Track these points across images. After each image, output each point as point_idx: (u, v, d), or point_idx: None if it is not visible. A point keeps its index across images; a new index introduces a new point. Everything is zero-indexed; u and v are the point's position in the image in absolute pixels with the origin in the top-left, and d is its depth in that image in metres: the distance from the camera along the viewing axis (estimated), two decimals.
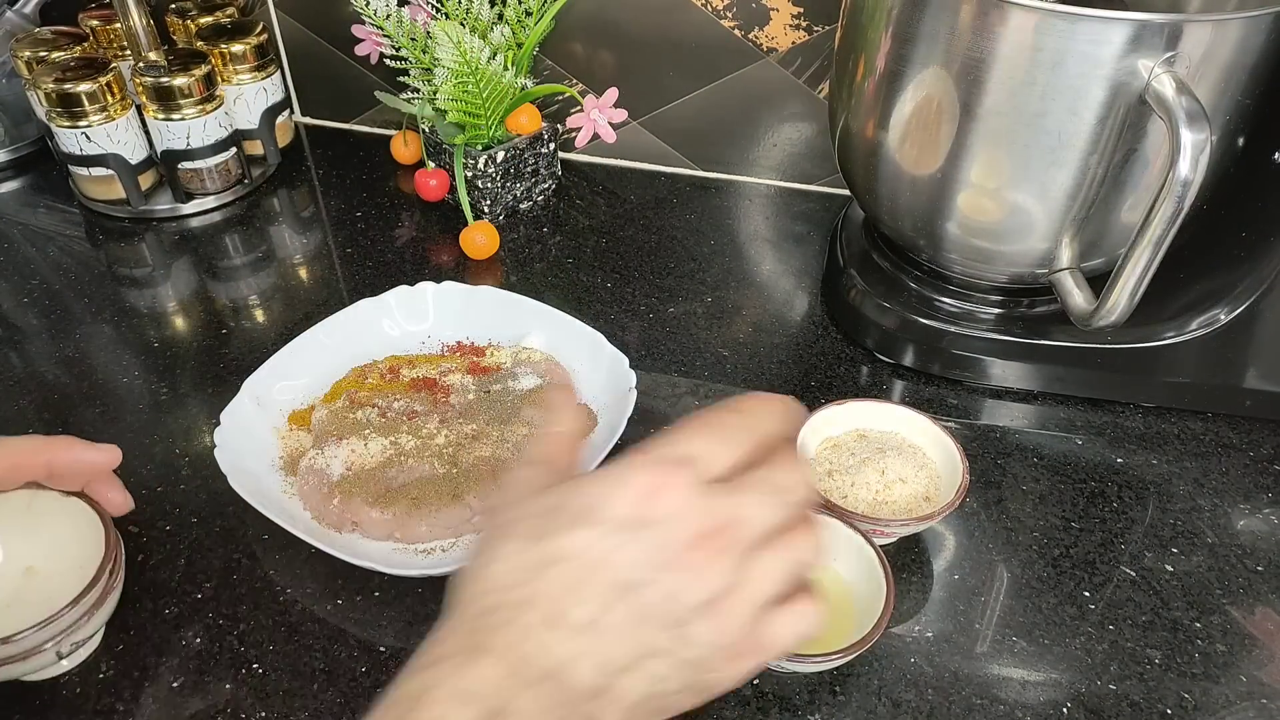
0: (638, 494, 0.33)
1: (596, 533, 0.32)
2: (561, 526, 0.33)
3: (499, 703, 0.30)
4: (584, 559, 0.32)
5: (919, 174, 0.58)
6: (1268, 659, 0.49)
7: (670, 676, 0.33)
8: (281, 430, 0.58)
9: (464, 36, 0.71)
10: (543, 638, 0.31)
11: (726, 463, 0.34)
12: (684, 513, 0.33)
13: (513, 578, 0.33)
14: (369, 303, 0.64)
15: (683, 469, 0.33)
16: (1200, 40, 0.47)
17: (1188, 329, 0.61)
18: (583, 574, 0.32)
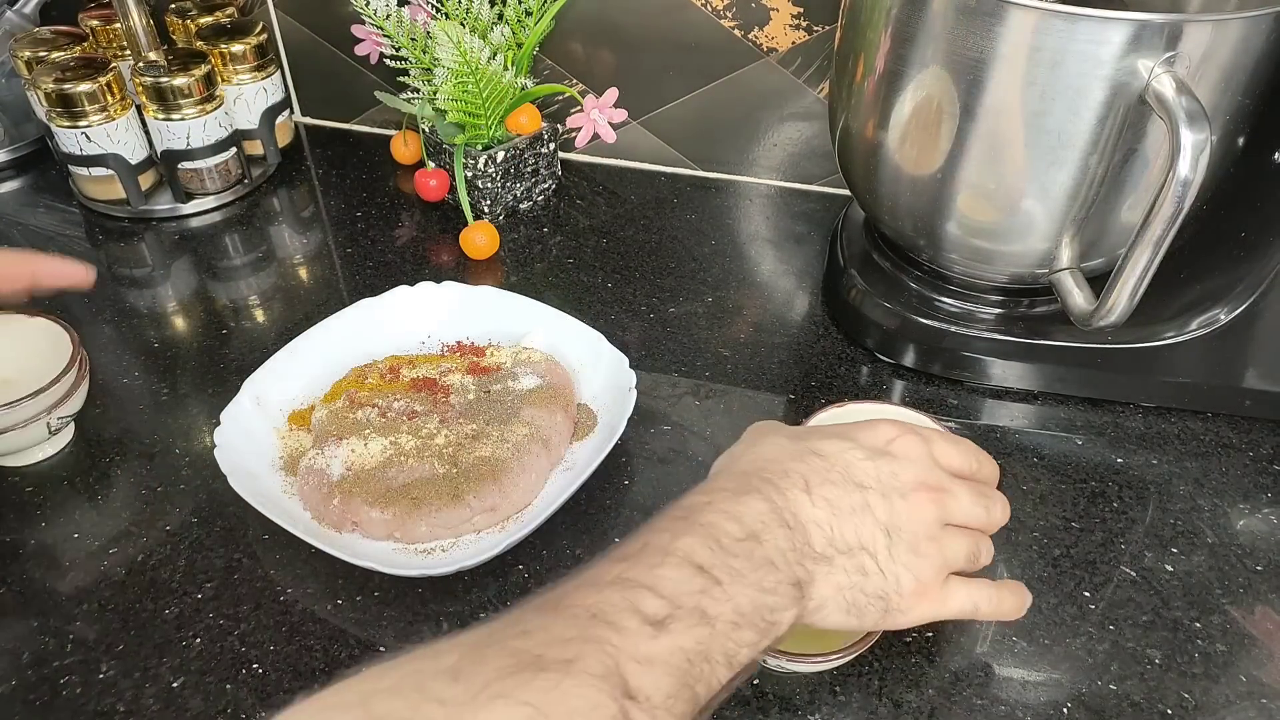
0: (885, 435, 0.42)
1: (848, 444, 0.41)
2: (818, 437, 0.42)
3: (756, 528, 0.37)
4: (835, 459, 0.40)
5: (919, 174, 0.58)
6: (1268, 659, 0.49)
7: (871, 578, 0.39)
8: (281, 430, 0.58)
9: (464, 36, 0.71)
10: (797, 497, 0.39)
11: (951, 460, 0.43)
12: (916, 460, 0.42)
13: (777, 456, 0.40)
14: (369, 302, 0.64)
15: (920, 435, 0.43)
16: (1200, 40, 0.47)
17: (1188, 329, 0.61)
18: (832, 468, 0.40)
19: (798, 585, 0.37)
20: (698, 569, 0.34)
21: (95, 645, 0.49)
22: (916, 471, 0.41)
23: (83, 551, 0.53)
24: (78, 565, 0.52)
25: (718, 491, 0.38)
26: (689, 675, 0.32)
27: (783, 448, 0.41)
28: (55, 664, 0.48)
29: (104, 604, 0.50)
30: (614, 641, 0.31)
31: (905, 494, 0.41)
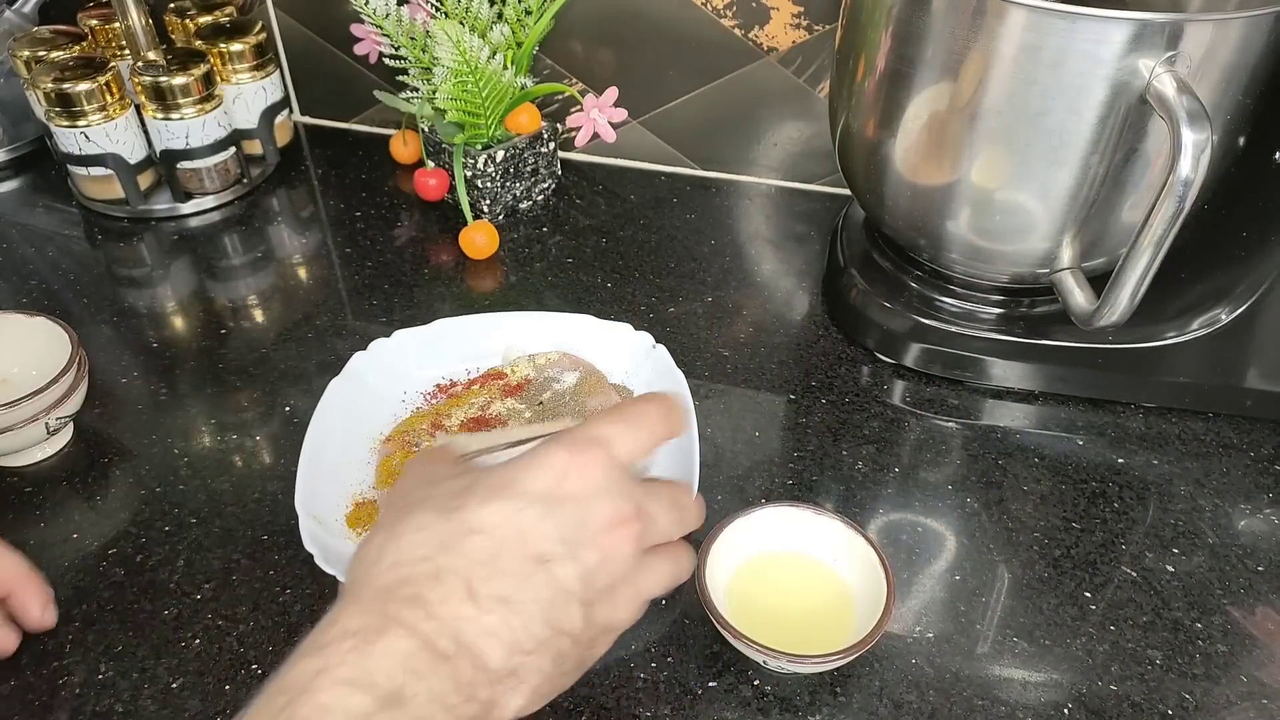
0: (556, 470, 0.33)
1: (515, 505, 0.32)
2: (478, 500, 0.32)
3: (397, 685, 0.28)
4: (501, 531, 0.31)
5: (920, 173, 0.58)
6: (1268, 659, 0.49)
7: (568, 657, 0.33)
8: (350, 535, 0.52)
9: (463, 36, 0.71)
10: (457, 611, 0.30)
11: (636, 449, 0.35)
12: (601, 492, 0.33)
13: (425, 550, 0.31)
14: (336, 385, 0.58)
15: (597, 448, 0.33)
16: (1201, 40, 0.47)
17: (1189, 329, 0.61)
18: (500, 547, 0.31)
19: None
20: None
21: (94, 646, 0.48)
22: (604, 506, 0.33)
23: (81, 551, 0.53)
24: (76, 565, 0.52)
25: (339, 646, 0.29)
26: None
27: (430, 535, 0.31)
28: (54, 664, 0.48)
29: (103, 604, 0.50)
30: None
31: (597, 541, 0.33)
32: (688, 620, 0.50)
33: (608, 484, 0.33)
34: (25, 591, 0.46)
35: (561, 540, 0.32)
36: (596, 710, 0.46)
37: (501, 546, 0.31)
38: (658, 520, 0.35)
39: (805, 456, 0.59)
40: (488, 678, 0.30)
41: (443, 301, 0.72)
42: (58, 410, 0.56)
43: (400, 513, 0.33)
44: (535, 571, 0.31)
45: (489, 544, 0.31)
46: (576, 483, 0.33)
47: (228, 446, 0.60)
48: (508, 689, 0.31)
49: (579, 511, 0.32)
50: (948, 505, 0.56)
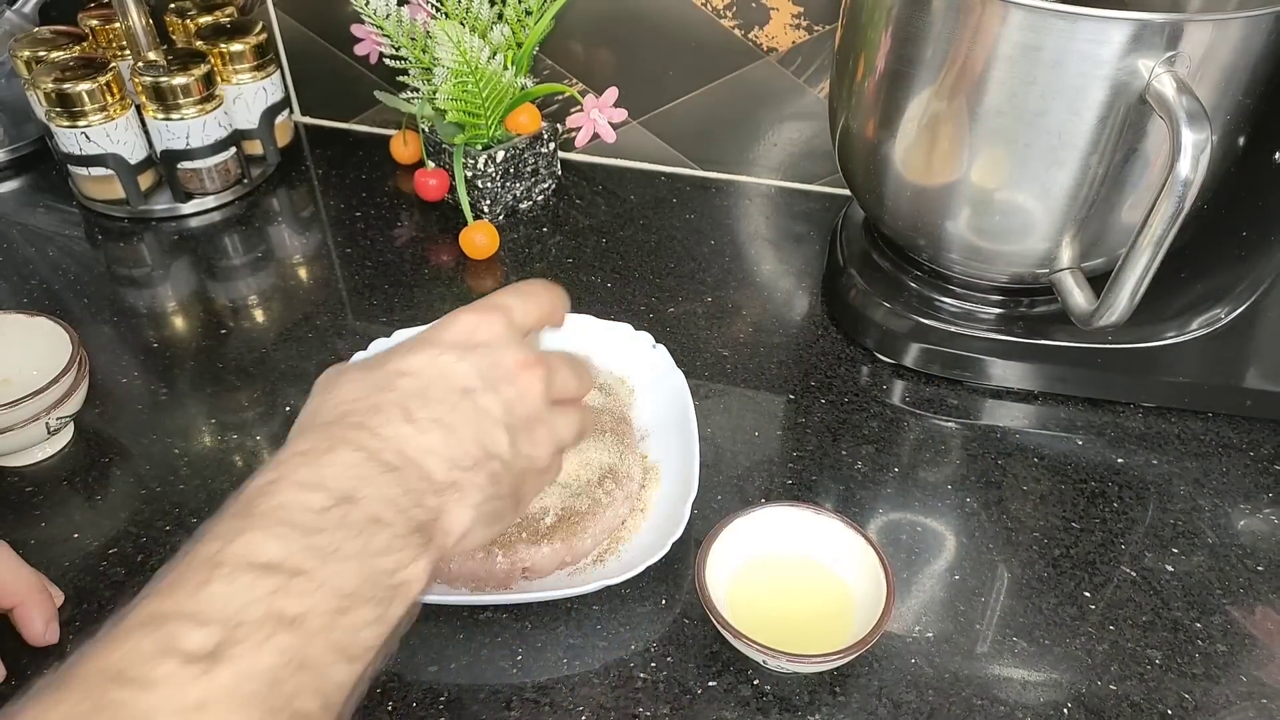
0: (466, 326, 0.37)
1: (434, 351, 0.36)
2: (401, 353, 0.36)
3: (349, 488, 0.31)
4: (426, 371, 0.35)
5: (919, 173, 0.58)
6: (1268, 659, 0.49)
7: (501, 480, 0.36)
8: None
9: (464, 36, 0.71)
10: (398, 431, 0.33)
11: (529, 318, 0.39)
12: (507, 342, 0.37)
13: (361, 392, 0.35)
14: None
15: (499, 311, 0.38)
16: (1201, 40, 0.47)
17: (1188, 329, 0.61)
18: (427, 383, 0.35)
19: (421, 530, 0.32)
20: (263, 569, 0.28)
21: None
22: (511, 352, 0.37)
23: (82, 551, 0.53)
24: (76, 565, 0.52)
25: (290, 460, 0.32)
26: (275, 698, 0.27)
27: (363, 381, 0.35)
28: (54, 664, 0.48)
29: (103, 604, 0.50)
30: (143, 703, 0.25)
31: (511, 379, 0.37)
32: (688, 620, 0.50)
33: (509, 335, 0.38)
34: (31, 605, 0.47)
35: (479, 376, 0.36)
36: (596, 710, 0.46)
37: (429, 382, 0.35)
38: (559, 371, 0.39)
39: (805, 456, 0.59)
40: (432, 487, 0.33)
41: (443, 301, 0.72)
42: (58, 410, 0.56)
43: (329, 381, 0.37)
44: (461, 400, 0.35)
45: (417, 381, 0.35)
46: (484, 334, 0.37)
47: (228, 446, 0.60)
48: (452, 500, 0.34)
49: (491, 355, 0.37)
50: (947, 505, 0.56)
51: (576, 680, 0.47)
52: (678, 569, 0.52)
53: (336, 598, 0.29)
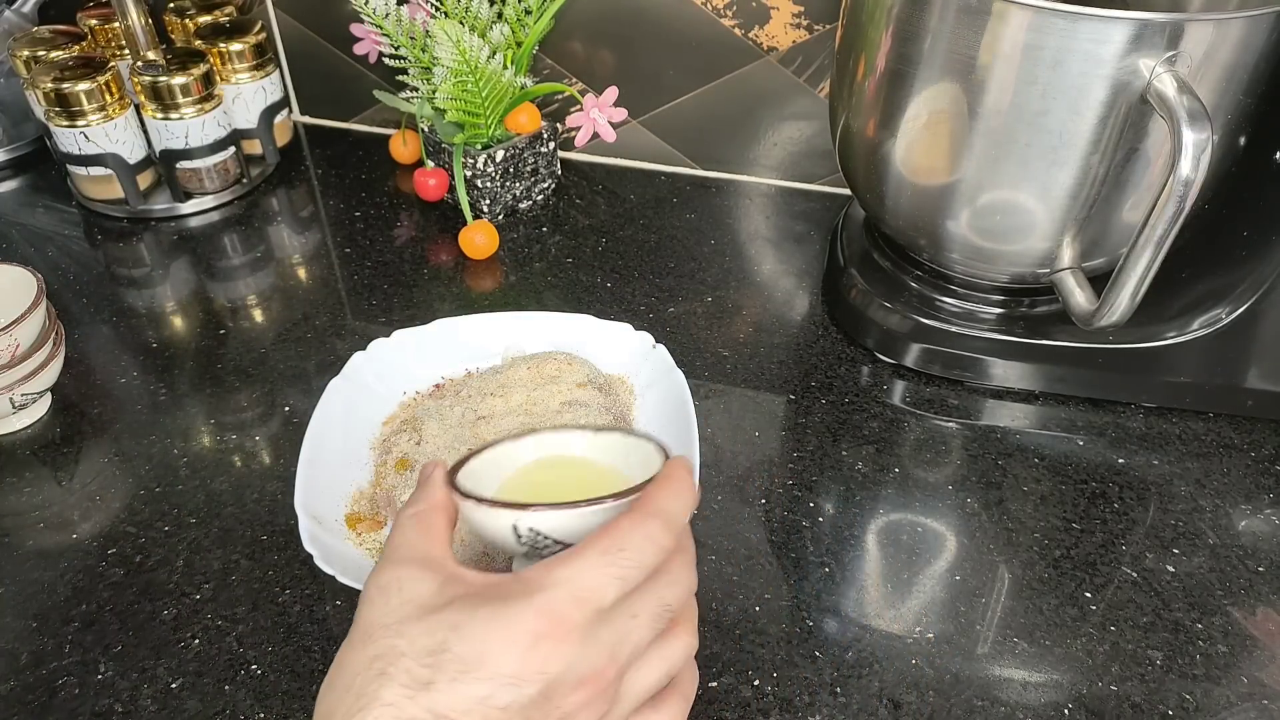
0: (528, 644, 0.31)
1: (485, 689, 0.30)
2: (447, 677, 0.31)
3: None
4: (468, 716, 0.30)
5: (920, 173, 0.57)
6: (1269, 660, 0.48)
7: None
8: (349, 535, 0.52)
9: (463, 35, 0.71)
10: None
11: (622, 592, 0.32)
12: (574, 662, 0.31)
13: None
14: (336, 384, 0.58)
15: (578, 611, 0.31)
16: (1202, 39, 0.47)
17: (1189, 329, 0.61)
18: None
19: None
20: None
21: (92, 646, 0.48)
22: (576, 672, 0.31)
23: (80, 552, 0.53)
24: (75, 565, 0.52)
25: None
26: None
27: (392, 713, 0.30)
28: (53, 664, 0.48)
29: (101, 605, 0.50)
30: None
31: (566, 709, 0.31)
32: None
33: (585, 649, 0.31)
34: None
35: (525, 716, 0.31)
36: None
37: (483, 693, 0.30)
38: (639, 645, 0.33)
39: (805, 456, 0.59)
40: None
41: (442, 301, 0.72)
42: (25, 386, 0.57)
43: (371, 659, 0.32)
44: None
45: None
46: (551, 657, 0.31)
47: (227, 446, 0.60)
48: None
49: (548, 686, 0.31)
50: (948, 505, 0.56)
51: None
52: None
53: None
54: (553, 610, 0.31)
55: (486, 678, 0.30)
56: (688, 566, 0.35)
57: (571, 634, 0.31)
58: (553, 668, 0.31)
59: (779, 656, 0.48)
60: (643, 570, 0.33)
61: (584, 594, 0.31)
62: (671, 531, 0.34)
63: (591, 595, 0.32)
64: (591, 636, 0.31)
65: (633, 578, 0.33)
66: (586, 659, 0.31)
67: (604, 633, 0.32)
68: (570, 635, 0.31)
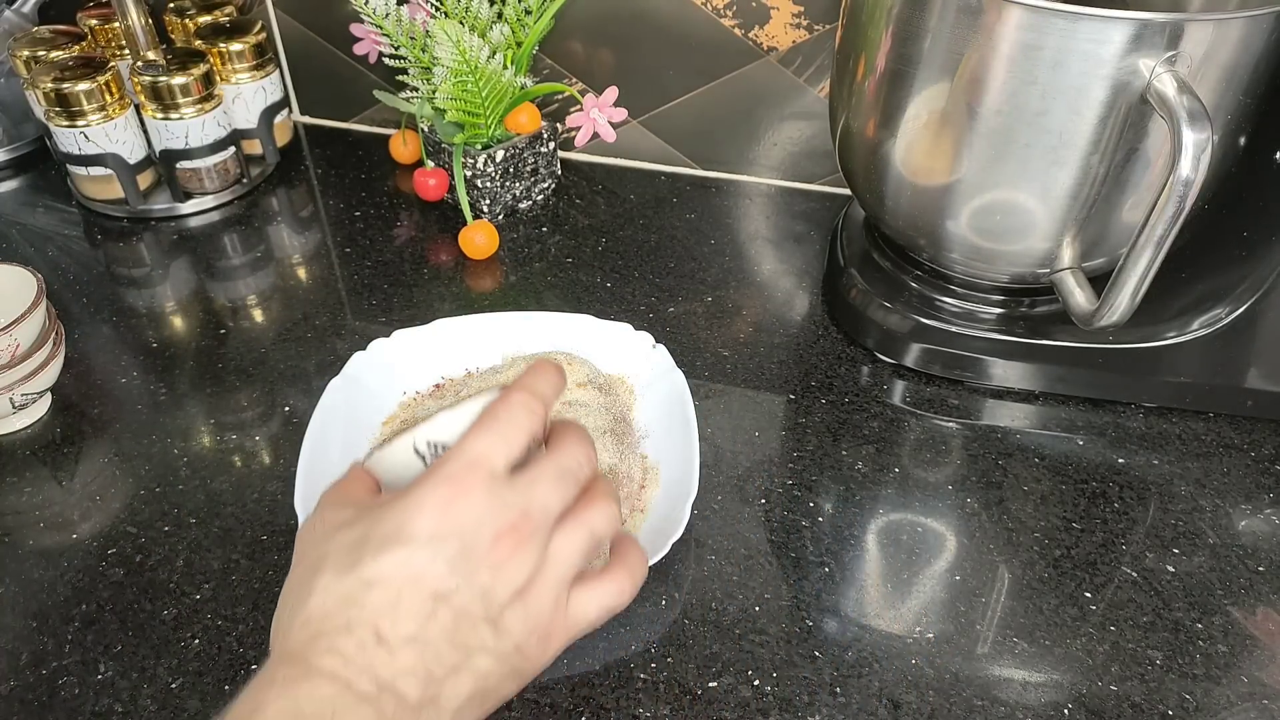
0: (437, 507, 0.34)
1: (406, 552, 0.33)
2: (371, 553, 0.33)
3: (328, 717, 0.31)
4: (398, 578, 0.33)
5: (920, 173, 0.57)
6: (1269, 659, 0.48)
7: (491, 671, 0.34)
8: None
9: (463, 35, 0.71)
10: (370, 657, 0.32)
11: (513, 451, 0.36)
12: (483, 517, 0.34)
13: (331, 606, 0.33)
14: (338, 382, 0.58)
15: (473, 472, 0.34)
16: (1202, 39, 0.47)
17: (1189, 329, 0.61)
18: (398, 593, 0.33)
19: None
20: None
21: (93, 646, 0.48)
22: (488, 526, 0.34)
23: (80, 552, 0.53)
24: (76, 565, 0.52)
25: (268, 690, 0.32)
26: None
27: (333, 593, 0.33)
28: (53, 664, 0.48)
29: (102, 605, 0.50)
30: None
31: (489, 560, 0.34)
32: (688, 621, 0.50)
33: (490, 502, 0.34)
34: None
35: (454, 573, 0.33)
36: (596, 710, 0.46)
37: (400, 593, 0.33)
38: (547, 505, 0.36)
39: (805, 456, 0.59)
40: (407, 710, 0.32)
41: (442, 301, 0.72)
42: (24, 386, 0.57)
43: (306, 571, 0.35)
44: (436, 607, 0.33)
45: (388, 593, 0.33)
46: (460, 513, 0.34)
47: (227, 446, 0.60)
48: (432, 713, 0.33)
49: (465, 540, 0.34)
50: (948, 505, 0.56)
51: (576, 680, 0.47)
52: (678, 569, 0.52)
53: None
54: (452, 476, 0.34)
55: (405, 543, 0.33)
56: (579, 439, 0.38)
57: (474, 491, 0.34)
58: (464, 521, 0.34)
59: (779, 656, 0.48)
60: (521, 431, 0.36)
61: (475, 458, 0.35)
62: (539, 398, 0.37)
63: (481, 458, 0.35)
64: (495, 495, 0.34)
65: (514, 438, 0.36)
66: (495, 513, 0.34)
67: (507, 493, 0.35)
68: (473, 492, 0.34)
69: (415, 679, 0.33)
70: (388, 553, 0.33)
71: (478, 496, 0.34)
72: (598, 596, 0.38)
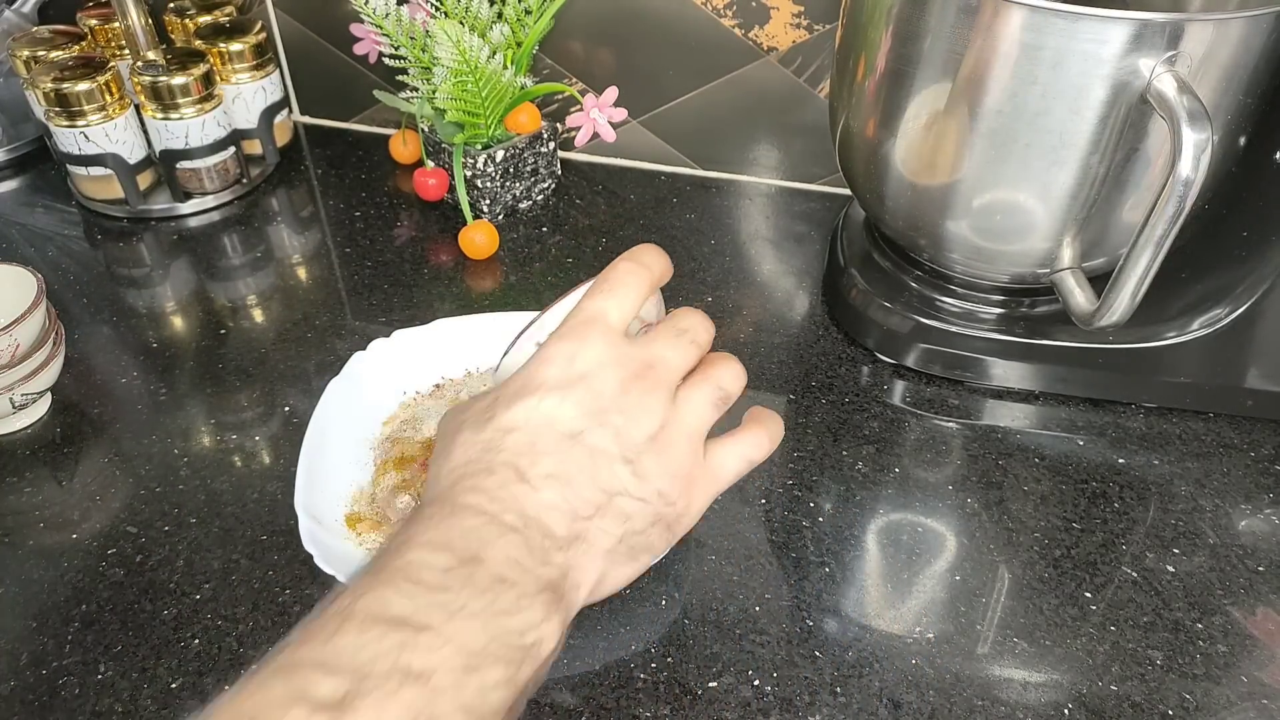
0: (561, 357, 0.36)
1: (534, 399, 0.35)
2: (504, 406, 0.36)
3: (473, 549, 0.31)
4: (530, 423, 0.35)
5: (920, 173, 0.57)
6: (1269, 659, 0.48)
7: (635, 514, 0.35)
8: (349, 536, 0.52)
9: (463, 35, 0.71)
10: (514, 492, 0.34)
11: (627, 311, 0.38)
12: (606, 363, 0.36)
13: (473, 454, 0.35)
14: (338, 382, 0.58)
15: (592, 326, 0.37)
16: (1202, 39, 0.47)
17: (1189, 329, 0.61)
18: (534, 435, 0.35)
19: (550, 588, 0.32)
20: (391, 623, 0.28)
21: (93, 646, 0.48)
22: (612, 372, 0.36)
23: (80, 552, 0.53)
24: (76, 565, 0.52)
25: (422, 523, 0.33)
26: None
27: (472, 444, 0.35)
28: (53, 664, 0.48)
29: (102, 605, 0.50)
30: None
31: (618, 405, 0.35)
32: (688, 621, 0.50)
33: (610, 352, 0.36)
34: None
35: (585, 414, 0.35)
36: (596, 710, 0.46)
37: (535, 434, 0.35)
38: (670, 360, 0.37)
39: (805, 456, 0.59)
40: (556, 544, 0.33)
41: (442, 301, 0.72)
42: (24, 386, 0.57)
43: (447, 439, 0.37)
44: (571, 446, 0.35)
45: (525, 435, 0.35)
46: (583, 363, 0.36)
47: (227, 446, 0.60)
48: (579, 553, 0.34)
49: (592, 386, 0.35)
50: (948, 505, 0.56)
51: (576, 680, 0.47)
52: (678, 569, 0.52)
53: (464, 655, 0.29)
54: (571, 330, 0.37)
55: (534, 391, 0.36)
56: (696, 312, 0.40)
57: (595, 342, 0.36)
58: (588, 367, 0.36)
59: (779, 656, 0.48)
60: (630, 291, 0.38)
61: (591, 314, 0.37)
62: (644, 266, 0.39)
63: (598, 313, 0.37)
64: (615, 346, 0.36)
65: (626, 297, 0.38)
66: (619, 361, 0.36)
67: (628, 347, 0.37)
68: (594, 343, 0.36)
69: (560, 514, 0.34)
70: (519, 402, 0.35)
71: (599, 346, 0.36)
72: (737, 448, 0.39)
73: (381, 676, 0.27)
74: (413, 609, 0.29)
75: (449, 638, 0.29)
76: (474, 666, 0.29)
